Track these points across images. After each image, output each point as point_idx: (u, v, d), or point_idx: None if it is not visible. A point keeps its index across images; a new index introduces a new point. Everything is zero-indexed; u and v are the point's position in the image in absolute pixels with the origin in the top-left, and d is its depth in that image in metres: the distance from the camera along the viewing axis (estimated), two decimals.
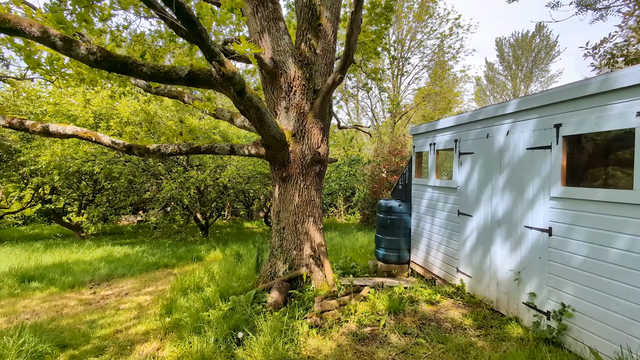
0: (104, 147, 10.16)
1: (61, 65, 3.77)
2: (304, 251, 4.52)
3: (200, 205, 12.61)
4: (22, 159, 10.12)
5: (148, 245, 11.27)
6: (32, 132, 3.74)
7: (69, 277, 6.93)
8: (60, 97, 11.47)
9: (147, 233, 15.49)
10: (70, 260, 8.88)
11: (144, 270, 7.95)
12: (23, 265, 7.94)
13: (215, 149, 4.23)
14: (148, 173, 11.36)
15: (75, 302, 5.66)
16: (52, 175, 10.12)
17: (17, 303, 5.64)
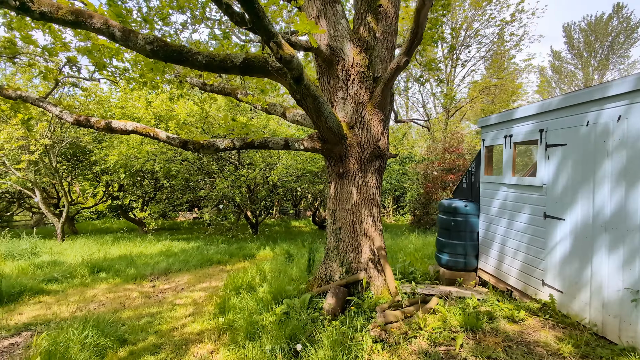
0: (164, 147, 10.71)
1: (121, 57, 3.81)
2: (363, 254, 4.13)
3: (250, 204, 12.80)
4: (94, 159, 11.04)
5: (202, 242, 11.67)
6: (97, 129, 3.83)
7: (132, 270, 7.28)
8: (126, 101, 12.34)
9: (201, 229, 16.19)
10: (133, 253, 9.43)
11: (199, 266, 8.13)
12: (93, 257, 8.56)
13: (269, 143, 4.02)
14: (202, 172, 11.77)
15: (136, 295, 5.86)
16: (119, 173, 10.90)
17: (87, 292, 5.99)
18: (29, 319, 4.72)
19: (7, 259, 7.87)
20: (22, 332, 4.33)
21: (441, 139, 18.33)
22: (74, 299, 5.60)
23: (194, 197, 12.58)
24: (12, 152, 10.53)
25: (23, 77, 9.14)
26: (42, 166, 11.68)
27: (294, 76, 2.92)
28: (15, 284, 5.60)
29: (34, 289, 5.79)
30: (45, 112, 10.78)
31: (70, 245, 10.47)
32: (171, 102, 10.58)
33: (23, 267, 7.20)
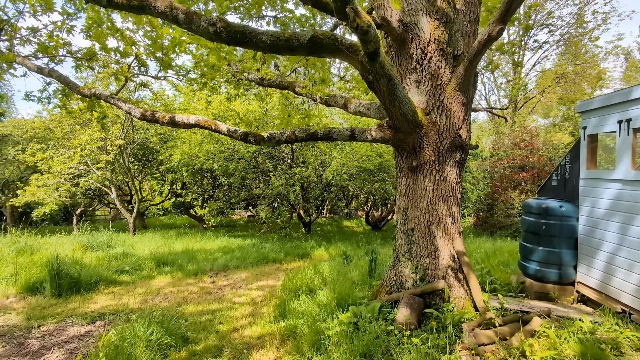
0: (222, 146, 11.02)
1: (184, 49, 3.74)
2: (441, 260, 3.58)
3: (303, 202, 12.69)
4: (160, 158, 11.76)
5: (258, 239, 11.80)
6: (162, 123, 3.82)
7: (193, 265, 7.46)
8: (188, 103, 12.98)
9: (256, 227, 16.54)
10: (194, 248, 9.78)
11: (255, 264, 8.11)
12: (159, 251, 9.01)
13: (333, 134, 3.66)
14: (258, 170, 11.92)
15: (197, 290, 5.91)
16: (182, 172, 11.48)
17: (153, 284, 6.20)
18: (102, 308, 4.94)
19: (87, 250, 8.58)
20: (96, 320, 4.51)
21: (508, 134, 16.57)
22: (142, 290, 5.80)
23: (250, 195, 12.81)
24: (92, 152, 11.66)
25: (101, 83, 10.04)
26: (117, 166, 12.77)
27: (370, 51, 2.51)
28: (93, 274, 5.96)
29: (108, 279, 6.13)
30: (119, 116, 11.74)
31: (140, 239, 11.23)
32: (228, 102, 10.83)
33: (100, 258, 7.76)
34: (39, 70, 4.07)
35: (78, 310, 4.84)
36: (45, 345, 3.85)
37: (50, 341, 3.94)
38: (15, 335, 4.07)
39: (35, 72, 4.05)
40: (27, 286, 5.39)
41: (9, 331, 4.15)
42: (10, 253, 7.53)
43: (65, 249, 8.40)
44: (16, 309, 4.84)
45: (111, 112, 11.04)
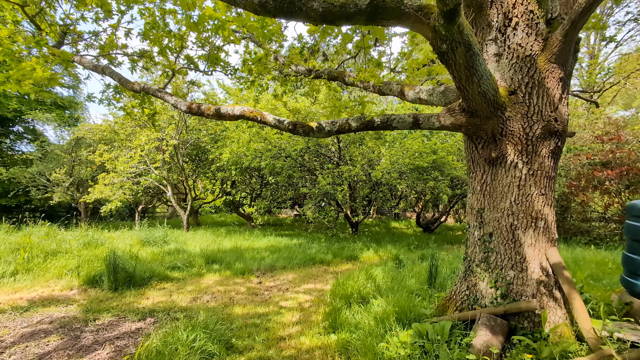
0: (269, 145, 10.97)
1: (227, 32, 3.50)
2: (529, 273, 2.90)
3: (351, 202, 12.21)
4: (210, 157, 12.07)
5: (304, 239, 11.58)
6: (207, 116, 3.62)
7: (240, 264, 7.38)
8: (237, 103, 13.19)
9: (302, 227, 16.42)
10: (242, 246, 9.80)
11: (302, 265, 7.82)
12: (209, 248, 9.14)
13: (392, 121, 3.16)
14: (304, 169, 11.70)
15: (244, 290, 5.74)
16: (231, 170, 11.67)
17: (201, 282, 6.17)
18: (153, 304, 4.94)
19: (144, 245, 8.97)
20: (146, 317, 4.49)
21: (586, 125, 14.48)
22: (191, 288, 5.78)
23: (296, 195, 12.65)
24: (150, 152, 12.36)
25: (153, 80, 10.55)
26: (173, 165, 13.40)
27: (449, 8, 1.98)
28: (146, 269, 6.08)
29: (160, 275, 6.23)
30: (174, 117, 12.26)
31: (193, 236, 11.61)
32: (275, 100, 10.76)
33: (155, 253, 8.03)
34: (94, 68, 4.14)
35: (131, 305, 4.89)
36: (98, 340, 3.86)
37: (102, 336, 3.95)
38: (73, 327, 4.15)
39: (91, 69, 4.13)
40: (88, 279, 5.62)
41: (68, 323, 4.26)
42: (78, 246, 8.08)
43: (125, 244, 8.87)
44: (77, 301, 5.03)
45: (166, 114, 11.60)
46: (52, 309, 4.72)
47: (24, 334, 3.97)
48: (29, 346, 3.70)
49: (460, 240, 13.27)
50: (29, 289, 5.45)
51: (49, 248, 6.82)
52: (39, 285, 5.59)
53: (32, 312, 4.60)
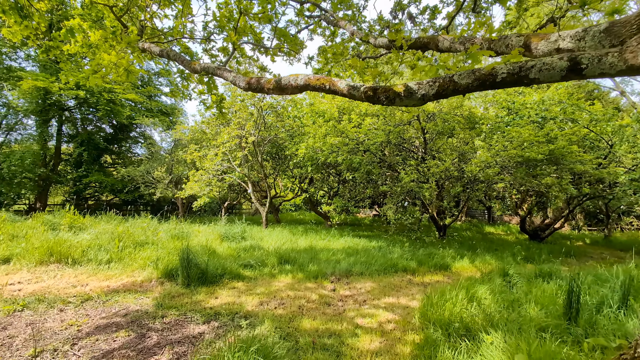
0: (346, 138, 10.23)
1: None
2: None
3: (438, 201, 10.69)
4: (286, 153, 11.92)
5: (384, 242, 10.53)
6: (267, 90, 3.02)
7: (314, 266, 6.78)
8: (313, 98, 12.81)
9: (382, 228, 15.29)
10: (317, 246, 9.26)
11: (382, 272, 6.85)
12: (284, 246, 8.81)
13: (530, 71, 1.99)
14: (384, 164, 10.64)
15: (316, 298, 5.07)
16: (307, 167, 11.31)
17: (272, 284, 5.72)
18: (221, 305, 4.61)
19: (223, 240, 9.12)
20: (211, 320, 4.14)
21: None
22: (261, 290, 5.36)
23: (376, 193, 11.65)
24: (231, 150, 12.84)
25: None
26: (253, 162, 13.73)
27: None
28: (219, 266, 5.90)
29: (233, 272, 5.99)
30: (253, 114, 12.46)
31: (270, 233, 11.60)
32: None
33: (232, 249, 8.00)
34: (160, 53, 3.95)
35: (200, 304, 4.64)
36: (160, 342, 3.59)
37: (165, 338, 3.68)
38: (142, 323, 4.01)
39: (157, 55, 3.95)
40: (166, 272, 5.64)
41: (139, 317, 4.16)
42: (167, 238, 8.54)
43: (207, 238, 9.13)
44: (153, 293, 5.01)
45: (245, 111, 11.86)
46: (129, 300, 4.75)
47: (99, 326, 3.95)
48: (99, 340, 3.61)
49: (586, 254, 10.52)
50: (116, 278, 5.71)
51: (139, 239, 7.25)
52: (125, 275, 5.83)
53: (112, 302, 4.68)
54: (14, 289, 5.09)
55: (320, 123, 10.83)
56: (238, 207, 28.75)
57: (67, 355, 3.29)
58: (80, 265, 6.25)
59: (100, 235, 7.78)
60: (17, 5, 5.08)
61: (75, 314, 4.26)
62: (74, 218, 10.10)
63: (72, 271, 5.98)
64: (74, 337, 3.65)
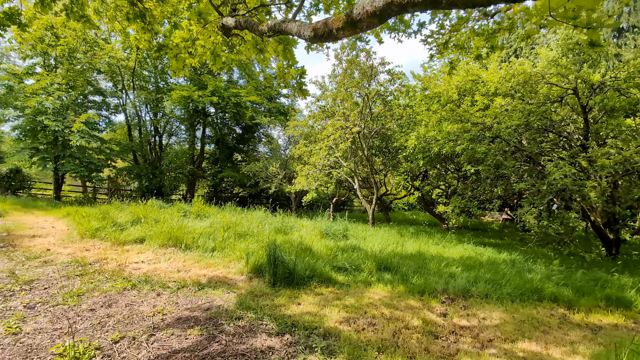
0: (467, 123, 8.33)
1: None
2: None
3: (608, 205, 7.65)
4: (394, 145, 10.67)
5: (520, 255, 8.19)
6: (337, 31, 2.14)
7: (420, 278, 5.51)
8: (427, 82, 11.16)
9: (516, 236, 12.33)
10: (428, 252, 7.80)
11: (517, 297, 5.05)
12: (387, 249, 7.73)
13: None
14: (522, 154, 8.22)
15: (417, 324, 3.90)
16: (418, 160, 9.82)
17: (365, 295, 4.79)
18: (301, 315, 3.97)
19: (323, 237, 8.65)
20: (285, 333, 3.53)
21: None
22: (350, 301, 4.50)
23: (508, 191, 9.25)
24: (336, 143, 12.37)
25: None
26: (361, 156, 12.99)
27: None
28: (308, 267, 5.34)
29: (323, 275, 5.33)
30: (358, 103, 11.65)
31: (375, 233, 10.62)
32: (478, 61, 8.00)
33: (329, 247, 7.42)
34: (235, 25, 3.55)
35: (279, 309, 4.11)
36: (225, 351, 3.15)
37: (232, 347, 3.24)
38: (217, 323, 3.71)
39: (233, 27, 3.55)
40: (255, 267, 5.40)
41: (217, 316, 3.89)
42: (270, 231, 8.61)
43: (308, 234, 8.84)
44: (239, 289, 4.79)
45: (350, 101, 11.16)
46: (217, 294, 4.61)
47: (180, 318, 3.84)
48: (173, 334, 3.43)
49: None
50: (214, 267, 5.80)
51: (241, 230, 7.40)
52: (222, 265, 5.88)
53: (202, 293, 4.62)
54: (135, 267, 5.68)
55: (435, 108, 9.17)
56: (349, 204, 28.66)
57: (140, 348, 3.16)
58: (190, 250, 6.69)
59: (213, 224, 8.37)
60: (140, 13, 5.62)
61: (167, 301, 4.32)
62: (201, 207, 11.39)
63: (183, 256, 6.42)
64: (155, 326, 3.58)
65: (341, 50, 10.34)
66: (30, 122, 16.31)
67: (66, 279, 5.01)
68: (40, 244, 7.29)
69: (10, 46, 18.14)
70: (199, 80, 20.10)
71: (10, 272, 5.15)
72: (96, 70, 18.95)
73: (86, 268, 5.54)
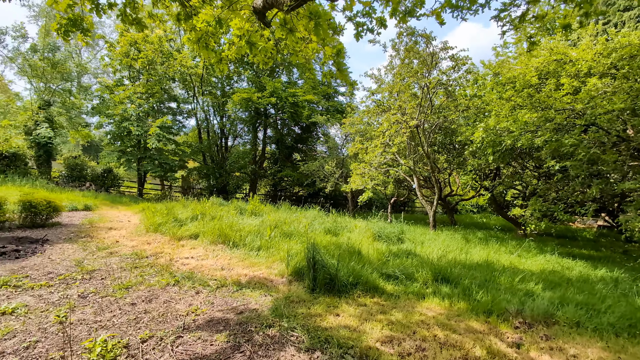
0: (549, 110, 6.93)
1: None
2: None
3: None
4: (458, 139, 9.49)
5: (625, 272, 6.57)
6: None
7: (487, 294, 4.63)
8: (499, 67, 9.75)
9: (617, 247, 10.14)
10: (498, 263, 6.69)
11: (624, 330, 3.89)
12: (447, 257, 6.82)
13: None
14: (627, 146, 6.54)
15: (481, 355, 3.15)
16: (487, 155, 8.55)
17: (416, 310, 4.12)
18: (337, 328, 3.51)
19: (375, 240, 8.03)
20: (315, 350, 3.11)
21: None
22: (397, 316, 3.90)
23: (605, 192, 7.52)
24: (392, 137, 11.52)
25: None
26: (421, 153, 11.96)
27: None
28: (352, 273, 4.84)
29: (369, 283, 4.79)
30: (417, 95, 10.67)
31: (436, 237, 9.61)
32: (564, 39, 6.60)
33: (380, 252, 6.80)
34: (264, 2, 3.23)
35: (313, 320, 3.71)
36: None
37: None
38: (246, 330, 3.45)
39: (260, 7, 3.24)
40: (296, 270, 5.09)
41: (247, 321, 3.64)
42: (319, 231, 8.28)
43: (361, 236, 8.30)
44: (277, 293, 4.50)
45: (407, 93, 10.23)
46: (254, 296, 4.39)
47: (212, 319, 3.67)
48: (200, 338, 3.25)
49: None
50: (257, 267, 5.64)
51: (287, 229, 7.19)
52: (264, 266, 5.69)
53: (239, 294, 4.45)
54: (184, 263, 5.80)
55: (508, 95, 7.83)
56: (410, 205, 27.16)
57: (164, 350, 3.03)
58: (237, 248, 6.67)
59: (264, 223, 8.34)
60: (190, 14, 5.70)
61: (203, 300, 4.22)
62: (256, 205, 11.58)
63: (230, 253, 6.41)
64: (185, 327, 3.45)
65: (398, 38, 9.51)
66: (118, 127, 18.56)
67: (122, 270, 5.27)
68: (113, 236, 7.99)
69: (105, 63, 20.91)
70: (259, 83, 20.84)
71: (78, 261, 5.62)
72: (171, 79, 20.83)
73: (142, 261, 5.81)
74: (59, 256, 6.06)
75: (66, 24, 4.86)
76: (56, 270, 5.15)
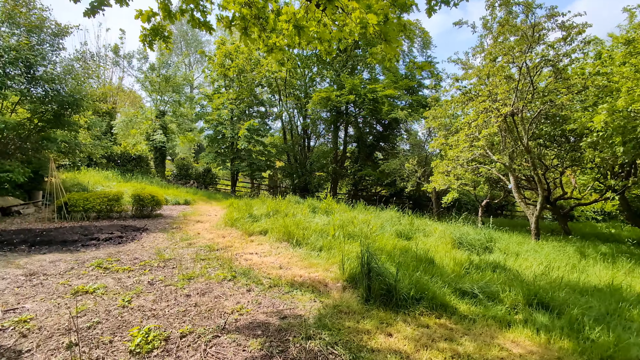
0: None
1: None
2: None
3: None
4: (570, 127, 7.51)
5: None
6: None
7: (608, 333, 3.39)
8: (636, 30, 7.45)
9: None
10: (629, 290, 4.99)
11: None
12: (550, 275, 5.41)
13: None
14: None
15: None
16: (614, 146, 6.53)
17: (496, 342, 3.23)
18: (384, 352, 2.95)
19: (455, 247, 6.95)
20: None
21: None
22: (467, 347, 3.10)
23: None
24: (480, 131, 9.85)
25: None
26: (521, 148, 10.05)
27: None
28: (415, 285, 4.13)
29: (437, 300, 4.02)
30: (512, 78, 8.92)
31: (538, 248, 7.88)
32: None
33: (459, 262, 5.79)
34: None
35: (359, 337, 3.20)
36: None
37: None
38: (284, 338, 3.16)
39: None
40: (351, 276, 4.61)
41: (289, 328, 3.35)
42: (391, 234, 7.59)
43: (437, 242, 7.32)
44: (328, 299, 4.12)
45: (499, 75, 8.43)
46: (303, 300, 4.10)
47: (252, 322, 3.49)
48: (235, 341, 3.09)
49: None
50: (314, 268, 5.35)
51: (351, 230, 6.73)
52: (322, 268, 5.36)
53: (288, 297, 4.21)
54: (247, 258, 5.88)
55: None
56: (509, 209, 23.65)
57: (197, 350, 2.94)
58: (300, 247, 6.51)
59: (331, 222, 8.05)
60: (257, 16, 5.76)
61: (252, 299, 4.10)
62: (329, 204, 11.41)
63: (292, 252, 6.28)
64: (224, 328, 3.34)
65: (488, 9, 7.90)
66: (214, 131, 20.75)
67: (192, 261, 5.60)
68: (197, 229, 8.75)
69: (207, 74, 23.69)
70: (339, 81, 20.78)
71: (158, 250, 6.21)
72: (259, 84, 22.38)
73: (211, 254, 6.10)
74: (150, 244, 6.82)
75: (150, 34, 5.39)
76: (141, 257, 5.75)
